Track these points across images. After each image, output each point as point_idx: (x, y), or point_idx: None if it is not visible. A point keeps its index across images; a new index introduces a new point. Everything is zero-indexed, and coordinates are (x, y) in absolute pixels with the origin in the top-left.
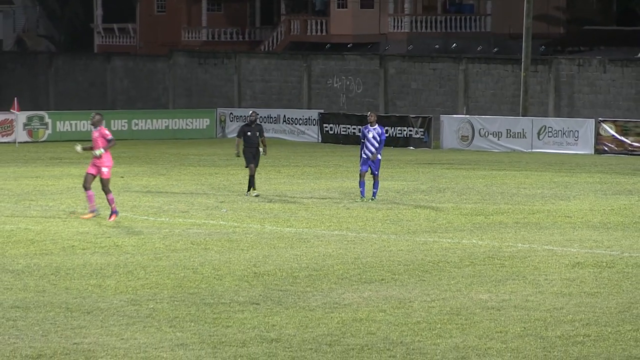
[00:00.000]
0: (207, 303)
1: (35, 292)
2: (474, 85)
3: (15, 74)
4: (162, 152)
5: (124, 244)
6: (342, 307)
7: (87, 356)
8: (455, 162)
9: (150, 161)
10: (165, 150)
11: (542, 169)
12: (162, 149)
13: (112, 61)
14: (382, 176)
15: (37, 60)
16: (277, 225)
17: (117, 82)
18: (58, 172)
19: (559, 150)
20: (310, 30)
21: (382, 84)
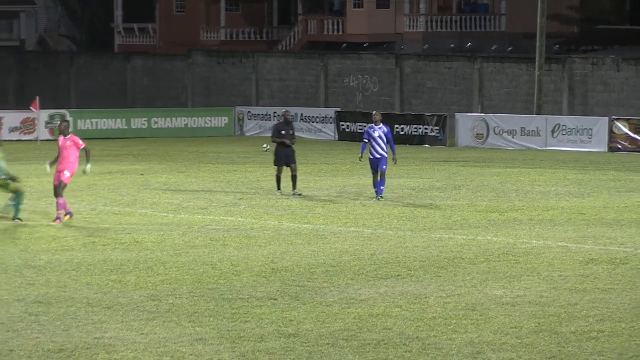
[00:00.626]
0: (225, 298)
1: (57, 288)
2: (489, 84)
3: (37, 73)
4: (181, 150)
5: (143, 240)
6: (359, 302)
7: (108, 350)
8: (470, 159)
9: (169, 159)
10: (184, 148)
11: (556, 166)
12: (181, 147)
13: (132, 60)
14: (398, 174)
15: (58, 59)
16: (295, 221)
17: (137, 81)
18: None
19: (572, 148)
20: (327, 30)
21: (398, 82)
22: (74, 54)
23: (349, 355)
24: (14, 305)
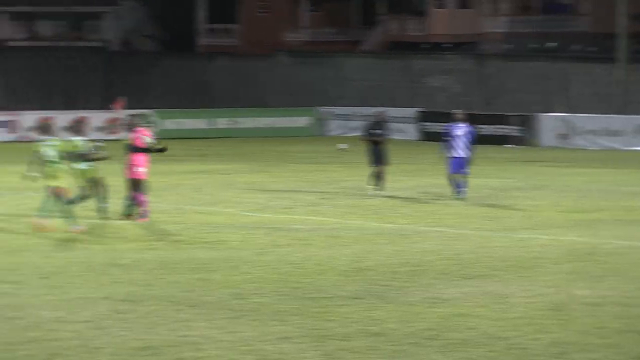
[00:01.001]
0: (310, 297)
1: (143, 286)
2: (572, 84)
3: (122, 73)
4: (264, 150)
5: (229, 240)
6: (442, 302)
7: (193, 348)
8: (552, 159)
9: (252, 158)
10: (267, 147)
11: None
12: (264, 147)
13: (215, 61)
14: (480, 174)
15: (142, 59)
16: (378, 221)
17: (220, 81)
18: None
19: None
20: (409, 30)
21: (479, 83)
22: (158, 54)
23: (433, 355)
24: (101, 303)
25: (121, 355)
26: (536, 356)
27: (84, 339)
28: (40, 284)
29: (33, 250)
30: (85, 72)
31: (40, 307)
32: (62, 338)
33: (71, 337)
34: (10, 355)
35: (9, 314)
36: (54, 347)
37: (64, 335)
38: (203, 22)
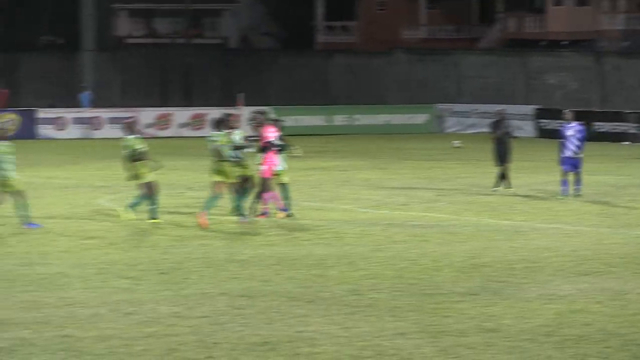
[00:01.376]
0: (426, 293)
1: (261, 281)
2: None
3: (241, 70)
4: (381, 147)
5: (345, 236)
6: (559, 298)
7: (310, 344)
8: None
9: (370, 155)
10: (384, 144)
11: None
12: (382, 144)
13: (333, 58)
14: (597, 171)
15: (261, 57)
16: (495, 218)
17: (338, 78)
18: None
19: None
20: (527, 28)
21: (597, 80)
22: (276, 51)
23: (549, 351)
24: (219, 299)
25: (238, 351)
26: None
27: (201, 335)
28: (158, 280)
29: (151, 246)
30: (203, 69)
31: (158, 303)
32: (180, 333)
33: (189, 332)
34: (128, 351)
35: (128, 309)
36: (172, 343)
37: (181, 330)
38: (321, 20)
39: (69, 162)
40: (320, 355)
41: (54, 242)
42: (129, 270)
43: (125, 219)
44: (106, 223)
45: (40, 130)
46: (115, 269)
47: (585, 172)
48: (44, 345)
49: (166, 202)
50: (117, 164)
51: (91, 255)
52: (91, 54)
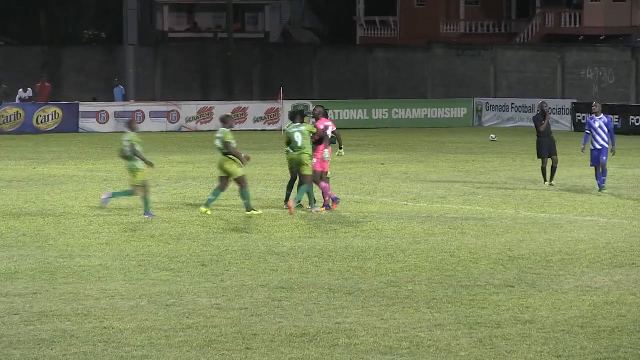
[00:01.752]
0: (463, 285)
1: (300, 274)
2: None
3: (281, 64)
4: (420, 140)
5: (384, 228)
6: (594, 290)
7: (349, 335)
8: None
9: (409, 149)
10: (423, 138)
11: None
12: (421, 137)
13: (373, 52)
14: (633, 164)
15: (302, 51)
16: (531, 211)
17: (378, 73)
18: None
19: None
20: (564, 23)
21: (634, 75)
22: (317, 46)
23: (584, 342)
24: (258, 291)
25: (277, 342)
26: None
27: (240, 326)
28: (198, 272)
29: (192, 238)
30: (244, 64)
31: (198, 295)
32: (219, 325)
33: (228, 324)
34: (167, 342)
35: (168, 301)
36: (211, 334)
37: (220, 322)
38: (362, 15)
39: (110, 155)
40: (358, 347)
41: (95, 234)
42: (169, 262)
43: (204, 214)
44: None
45: (82, 123)
46: (155, 261)
47: (621, 165)
48: (84, 337)
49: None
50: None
51: (132, 248)
52: (133, 48)
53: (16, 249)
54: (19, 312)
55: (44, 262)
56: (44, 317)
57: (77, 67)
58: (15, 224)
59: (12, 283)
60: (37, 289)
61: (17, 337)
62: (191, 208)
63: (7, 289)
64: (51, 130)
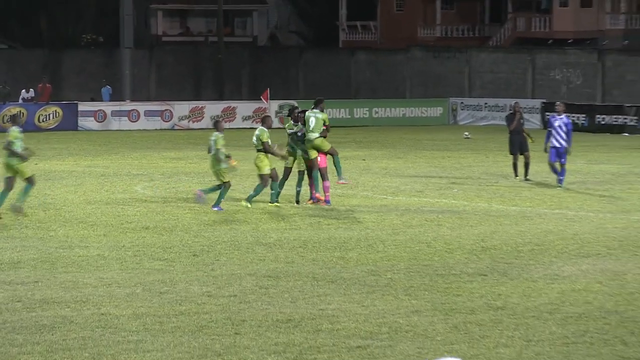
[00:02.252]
0: (439, 274)
1: (285, 263)
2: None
3: (269, 66)
4: (399, 138)
5: (365, 220)
6: (562, 278)
7: (331, 321)
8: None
9: (388, 146)
10: (402, 135)
11: None
12: (399, 135)
13: (355, 55)
14: (599, 159)
15: (288, 54)
16: (503, 204)
17: (360, 74)
18: None
19: None
20: (535, 27)
21: (600, 75)
22: (302, 49)
23: (553, 327)
24: (246, 279)
25: (264, 328)
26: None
27: (229, 313)
28: (190, 262)
29: (184, 230)
30: (234, 66)
31: (190, 283)
32: (210, 311)
33: (218, 310)
34: (161, 328)
35: (162, 288)
36: (202, 320)
37: (211, 308)
38: (344, 19)
39: (107, 152)
40: (340, 332)
41: (93, 226)
42: (163, 252)
43: (244, 207)
44: (141, 209)
45: (81, 122)
46: (150, 252)
47: (588, 161)
48: (82, 322)
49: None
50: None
51: (128, 239)
52: (129, 51)
53: (19, 240)
54: (22, 299)
55: (45, 252)
56: (45, 304)
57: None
58: (18, 216)
59: (15, 272)
60: (38, 277)
61: (20, 322)
62: (183, 201)
63: (10, 277)
64: (52, 128)
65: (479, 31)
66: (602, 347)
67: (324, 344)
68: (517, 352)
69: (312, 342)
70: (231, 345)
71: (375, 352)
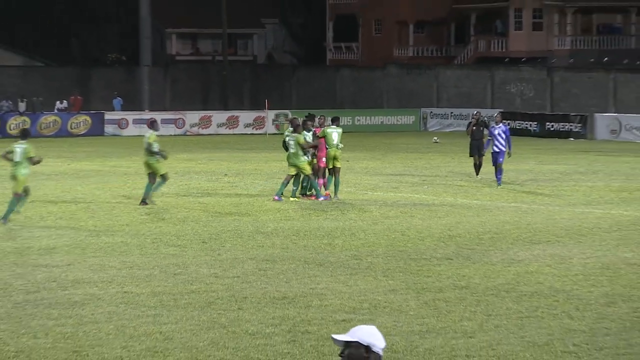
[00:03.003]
0: (412, 258)
1: (281, 249)
2: (621, 90)
3: (266, 81)
4: (378, 142)
5: (348, 212)
6: (517, 262)
7: (320, 298)
8: (605, 150)
9: (369, 149)
10: (380, 140)
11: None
12: (378, 139)
13: (340, 71)
14: (548, 161)
15: (283, 71)
16: (467, 198)
17: (344, 88)
18: None
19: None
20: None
21: (549, 89)
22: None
23: (509, 304)
24: (248, 263)
25: (263, 304)
26: (590, 304)
27: (233, 291)
28: (200, 247)
29: (194, 220)
30: (237, 81)
31: (199, 266)
32: (216, 290)
33: (223, 289)
34: (175, 304)
35: (175, 271)
36: (210, 297)
37: (217, 287)
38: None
39: (129, 154)
40: (328, 307)
41: (117, 217)
42: (176, 240)
43: (293, 201)
44: (159, 202)
45: (106, 129)
46: (165, 239)
47: (539, 162)
48: (108, 299)
49: (206, 185)
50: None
51: (147, 228)
52: (148, 68)
53: (54, 229)
54: (56, 279)
55: (76, 239)
56: (77, 283)
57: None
58: (53, 209)
59: (50, 256)
60: (70, 261)
61: (55, 299)
62: (194, 196)
63: (47, 261)
64: (82, 134)
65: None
66: (551, 320)
67: (314, 318)
68: (478, 324)
69: (303, 316)
70: (235, 319)
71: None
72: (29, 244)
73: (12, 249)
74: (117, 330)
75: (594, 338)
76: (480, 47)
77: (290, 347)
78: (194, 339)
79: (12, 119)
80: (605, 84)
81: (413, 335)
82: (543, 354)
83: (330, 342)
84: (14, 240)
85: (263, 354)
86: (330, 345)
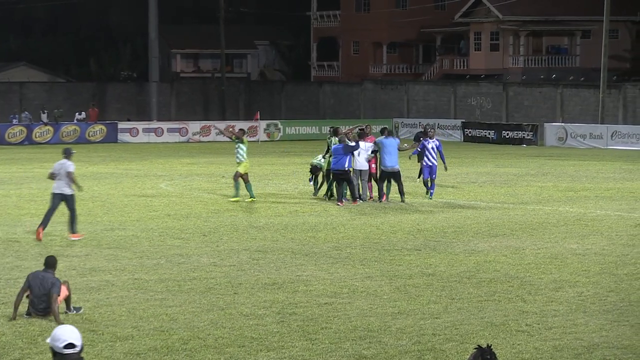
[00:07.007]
0: (385, 249)
1: (271, 241)
2: (567, 103)
3: (259, 95)
4: None
5: (330, 210)
6: (477, 252)
7: (306, 284)
8: (554, 155)
9: None
10: None
11: (614, 160)
12: None
13: (323, 86)
14: (504, 164)
15: (273, 86)
16: (437, 197)
17: (327, 101)
18: (287, 161)
19: (626, 147)
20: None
21: (505, 102)
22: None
23: (470, 289)
24: (242, 253)
25: (256, 289)
26: (541, 289)
27: (230, 278)
28: (201, 240)
29: (196, 216)
30: (233, 94)
31: (200, 256)
32: (215, 277)
33: (221, 276)
34: (179, 289)
35: (179, 260)
36: (210, 283)
37: (216, 275)
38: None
39: (139, 158)
40: (312, 292)
41: (129, 214)
42: (180, 233)
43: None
44: (165, 201)
45: (120, 136)
46: (171, 233)
47: (496, 165)
48: (121, 285)
49: (206, 186)
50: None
51: (154, 223)
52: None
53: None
54: (76, 267)
55: (93, 233)
56: (93, 271)
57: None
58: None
59: (70, 248)
60: (88, 252)
61: (74, 285)
62: (196, 194)
63: (67, 251)
64: (98, 141)
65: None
66: (507, 303)
67: (300, 301)
68: (443, 307)
69: (291, 300)
70: (231, 302)
71: (338, 307)
72: (52, 237)
73: (37, 242)
74: (128, 312)
75: (544, 319)
76: (445, 65)
77: (280, 326)
78: (196, 320)
79: (37, 128)
80: (553, 97)
81: (386, 316)
82: (500, 332)
83: (315, 322)
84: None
85: (255, 333)
86: (314, 325)
